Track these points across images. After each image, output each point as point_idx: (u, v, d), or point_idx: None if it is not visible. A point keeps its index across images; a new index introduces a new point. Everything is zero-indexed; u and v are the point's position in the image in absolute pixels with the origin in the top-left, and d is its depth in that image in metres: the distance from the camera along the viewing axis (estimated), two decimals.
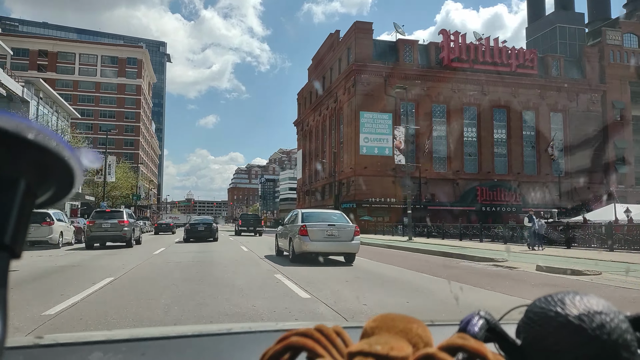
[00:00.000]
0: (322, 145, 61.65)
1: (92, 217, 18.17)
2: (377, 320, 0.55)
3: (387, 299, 6.63)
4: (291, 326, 0.71)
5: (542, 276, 9.52)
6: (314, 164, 64.78)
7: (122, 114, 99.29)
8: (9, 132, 0.31)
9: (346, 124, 51.03)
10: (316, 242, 11.17)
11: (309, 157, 68.68)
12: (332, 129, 57.12)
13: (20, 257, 0.35)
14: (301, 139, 73.19)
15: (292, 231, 11.94)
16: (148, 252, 14.95)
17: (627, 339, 0.48)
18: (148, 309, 5.50)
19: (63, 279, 8.36)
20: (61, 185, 0.37)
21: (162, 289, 7.13)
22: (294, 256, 11.67)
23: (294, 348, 0.50)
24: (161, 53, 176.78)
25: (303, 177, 71.19)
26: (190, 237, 22.88)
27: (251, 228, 33.53)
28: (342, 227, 11.54)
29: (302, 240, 11.18)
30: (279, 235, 13.82)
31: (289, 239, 12.13)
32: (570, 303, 0.50)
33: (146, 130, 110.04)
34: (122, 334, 0.88)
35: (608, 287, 7.89)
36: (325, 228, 11.34)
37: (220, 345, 0.87)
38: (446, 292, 7.15)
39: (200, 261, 12.26)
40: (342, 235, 11.39)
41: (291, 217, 13.17)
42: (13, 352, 0.75)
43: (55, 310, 5.30)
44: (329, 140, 58.29)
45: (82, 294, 6.44)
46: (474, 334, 0.52)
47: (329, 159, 58.09)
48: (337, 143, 54.86)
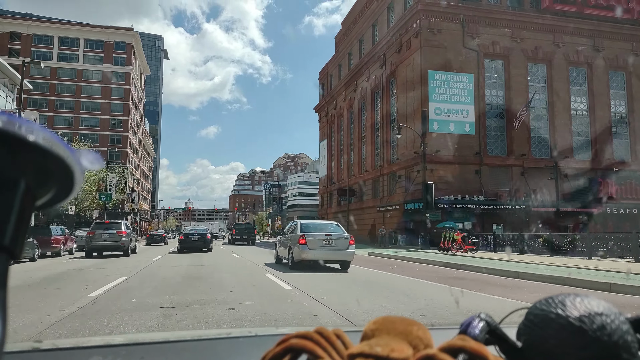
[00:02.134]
0: (358, 129, 46.87)
1: (92, 228, 19.65)
2: (377, 323, 0.54)
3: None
4: (291, 330, 0.71)
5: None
6: (348, 155, 49.97)
7: (107, 107, 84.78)
8: (9, 133, 0.30)
9: (402, 93, 36.29)
10: (314, 250, 12.07)
11: (337, 148, 53.92)
12: (378, 104, 42.40)
13: (20, 258, 0.35)
14: (325, 128, 58.52)
15: (292, 240, 12.80)
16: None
17: (627, 340, 0.47)
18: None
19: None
20: (61, 187, 0.37)
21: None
22: (293, 264, 12.51)
23: (294, 350, 0.50)
24: (157, 48, 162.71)
25: (328, 174, 56.39)
26: (184, 248, 22.73)
27: (244, 237, 34.58)
28: (338, 236, 12.46)
29: (301, 248, 12.06)
30: (279, 244, 14.66)
31: (289, 247, 12.97)
32: (571, 305, 0.50)
33: (137, 127, 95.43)
34: (120, 339, 0.88)
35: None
36: (323, 237, 12.25)
37: (219, 349, 0.87)
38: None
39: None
40: (338, 244, 12.28)
41: (290, 228, 14.05)
42: (12, 356, 0.75)
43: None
44: (371, 119, 43.49)
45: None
46: (475, 336, 0.51)
47: (371, 146, 43.29)
48: (385, 122, 40.09)
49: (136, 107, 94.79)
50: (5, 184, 0.33)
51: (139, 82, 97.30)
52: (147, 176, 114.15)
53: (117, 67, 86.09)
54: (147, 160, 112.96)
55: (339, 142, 53.56)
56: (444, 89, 33.79)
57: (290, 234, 13.44)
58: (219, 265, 14.20)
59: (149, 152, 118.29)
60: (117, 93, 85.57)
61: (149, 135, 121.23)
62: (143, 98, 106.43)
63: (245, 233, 34.73)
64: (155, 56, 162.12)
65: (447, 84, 33.82)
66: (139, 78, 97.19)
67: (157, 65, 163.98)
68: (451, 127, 33.64)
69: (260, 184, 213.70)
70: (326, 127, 58.05)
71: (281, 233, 15.33)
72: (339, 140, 53.52)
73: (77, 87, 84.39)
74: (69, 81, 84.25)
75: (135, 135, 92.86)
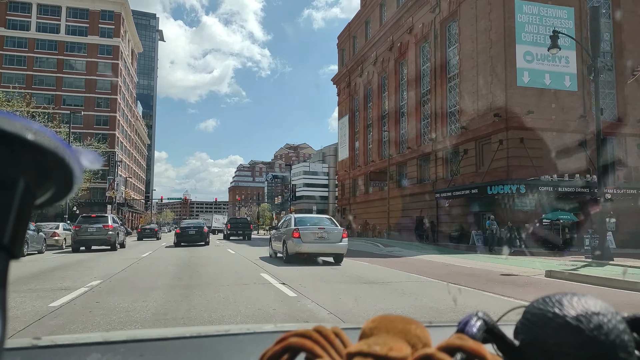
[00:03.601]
0: (396, 96, 37.29)
1: (78, 221, 19.51)
2: (375, 321, 0.54)
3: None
4: (290, 327, 0.70)
5: None
6: (379, 132, 40.51)
7: (93, 84, 74.98)
8: (9, 132, 0.30)
9: (470, 38, 26.76)
10: (308, 243, 12.21)
11: (363, 124, 44.46)
12: (427, 60, 32.82)
13: (20, 257, 0.35)
14: (346, 102, 49.00)
15: (286, 234, 12.89)
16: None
17: (624, 339, 0.48)
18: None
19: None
20: (60, 186, 0.37)
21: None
22: (287, 257, 12.61)
23: (292, 349, 0.50)
24: (152, 27, 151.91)
25: (351, 156, 46.93)
26: (181, 241, 22.94)
27: (240, 232, 33.80)
28: (331, 229, 12.67)
29: (295, 242, 12.22)
30: (273, 238, 14.82)
31: (283, 241, 13.06)
32: (568, 304, 0.50)
33: (127, 109, 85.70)
34: (119, 335, 0.87)
35: None
36: (316, 231, 12.41)
37: (218, 346, 0.87)
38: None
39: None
40: (331, 237, 12.43)
41: (284, 222, 14.16)
42: (10, 353, 0.75)
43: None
44: (415, 81, 33.92)
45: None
46: (473, 335, 0.51)
47: (415, 116, 33.79)
48: (439, 82, 30.55)
49: (126, 87, 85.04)
50: (4, 183, 0.33)
51: (129, 58, 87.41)
52: (140, 164, 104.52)
53: (104, 40, 76.26)
54: (139, 147, 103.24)
55: (365, 117, 44.04)
56: (536, 26, 24.26)
57: (284, 228, 13.50)
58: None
59: (143, 138, 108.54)
60: (104, 68, 75.76)
61: (142, 120, 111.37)
62: (135, 77, 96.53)
63: (241, 228, 34.36)
64: (149, 36, 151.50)
65: (541, 20, 24.29)
66: (129, 54, 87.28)
67: (152, 46, 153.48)
68: (547, 79, 24.14)
69: (261, 175, 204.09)
70: (348, 101, 48.48)
71: (275, 228, 15.84)
72: (366, 116, 44.01)
73: (58, 62, 74.55)
74: (50, 54, 74.39)
75: (125, 117, 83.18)
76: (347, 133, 47.99)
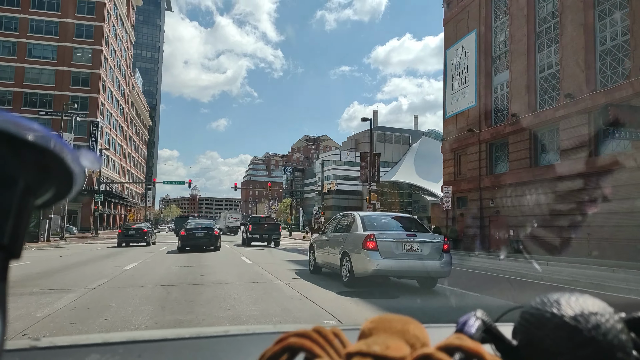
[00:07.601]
0: None
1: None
2: (374, 322, 0.54)
3: None
4: (289, 328, 0.71)
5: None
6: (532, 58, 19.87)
7: (69, 29, 55.36)
8: (9, 132, 0.30)
9: None
10: (390, 260, 7.80)
11: (525, 39, 23.81)
12: None
13: (19, 257, 0.34)
14: (468, 13, 28.45)
15: (349, 243, 8.57)
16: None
17: (622, 339, 0.47)
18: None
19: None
20: (61, 186, 0.36)
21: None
22: (351, 278, 8.27)
23: (292, 349, 0.50)
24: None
25: (485, 102, 26.35)
26: (186, 246, 19.20)
27: (265, 236, 24.67)
28: (427, 239, 8.13)
29: (369, 256, 7.79)
30: (318, 246, 10.51)
31: (342, 253, 8.71)
32: (566, 304, 0.50)
33: (119, 70, 65.85)
34: (118, 337, 0.87)
35: None
36: (404, 239, 7.99)
37: (217, 347, 0.87)
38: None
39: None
40: (426, 251, 7.99)
41: (341, 223, 9.67)
42: (9, 354, 0.75)
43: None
44: None
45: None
46: (471, 335, 0.51)
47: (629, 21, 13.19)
48: None
49: (118, 42, 65.25)
50: (4, 183, 0.33)
51: (122, 7, 67.65)
52: (139, 149, 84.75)
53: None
54: (138, 126, 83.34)
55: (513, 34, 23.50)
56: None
57: (340, 232, 9.32)
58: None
59: (142, 116, 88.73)
60: (83, 9, 56.02)
61: (143, 97, 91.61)
62: (132, 37, 76.66)
63: (266, 231, 24.75)
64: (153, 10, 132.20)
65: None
66: (122, 2, 67.53)
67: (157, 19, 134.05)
68: None
69: (277, 169, 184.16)
70: (474, 5, 27.91)
71: (323, 231, 10.91)
72: (508, 33, 23.43)
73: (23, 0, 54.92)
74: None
75: (115, 80, 63.33)
76: (474, 64, 27.36)
